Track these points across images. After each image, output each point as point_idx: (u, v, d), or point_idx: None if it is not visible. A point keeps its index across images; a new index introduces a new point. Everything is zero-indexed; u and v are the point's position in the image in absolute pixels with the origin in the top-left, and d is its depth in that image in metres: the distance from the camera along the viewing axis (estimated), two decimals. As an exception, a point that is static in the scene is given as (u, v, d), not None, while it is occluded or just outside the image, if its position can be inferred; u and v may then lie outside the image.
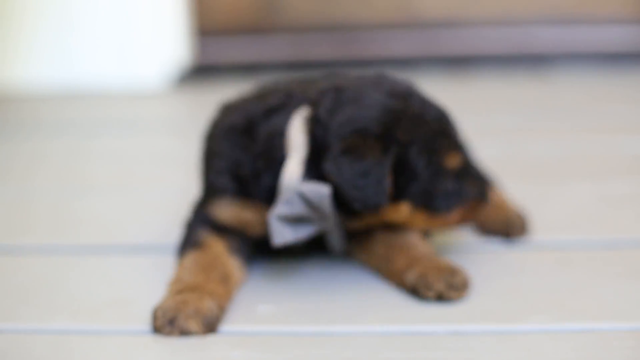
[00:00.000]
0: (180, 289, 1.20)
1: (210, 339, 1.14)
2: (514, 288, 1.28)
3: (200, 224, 1.34)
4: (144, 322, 1.19)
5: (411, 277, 1.26)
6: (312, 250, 1.41)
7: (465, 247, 1.44)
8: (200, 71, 3.32)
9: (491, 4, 3.32)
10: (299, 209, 1.22)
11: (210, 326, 1.16)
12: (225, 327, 1.18)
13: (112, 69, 3.25)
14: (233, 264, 1.30)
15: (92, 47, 3.24)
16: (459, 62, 3.30)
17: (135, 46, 3.24)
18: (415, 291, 1.25)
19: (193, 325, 1.14)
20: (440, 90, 3.08)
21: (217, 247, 1.30)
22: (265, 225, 1.31)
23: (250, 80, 2.59)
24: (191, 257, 1.28)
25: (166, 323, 1.15)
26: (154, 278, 1.35)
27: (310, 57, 3.32)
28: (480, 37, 3.32)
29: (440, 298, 1.24)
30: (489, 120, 2.50)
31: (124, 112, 2.91)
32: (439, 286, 1.23)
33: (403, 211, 1.30)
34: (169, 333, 1.15)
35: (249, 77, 3.10)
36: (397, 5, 3.34)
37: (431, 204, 1.30)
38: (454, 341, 1.12)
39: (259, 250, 1.39)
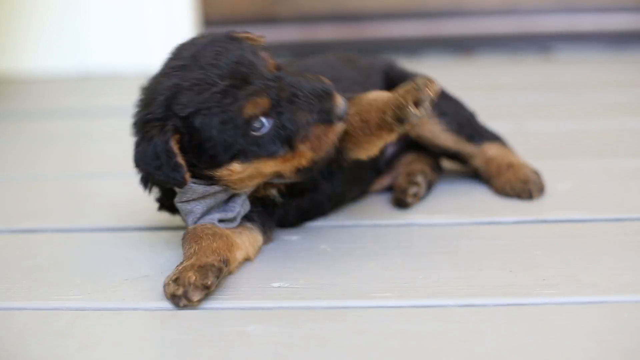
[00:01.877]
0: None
1: (226, 314, 1.16)
2: (525, 261, 1.29)
3: None
4: (159, 299, 1.20)
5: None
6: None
7: (475, 221, 1.46)
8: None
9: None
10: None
11: (208, 273, 1.18)
12: (241, 303, 1.19)
13: (120, 58, 3.25)
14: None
15: (99, 35, 3.25)
16: (465, 45, 3.30)
17: (143, 35, 3.25)
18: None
19: (192, 276, 1.17)
20: (446, 73, 3.07)
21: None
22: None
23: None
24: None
25: (171, 282, 1.19)
26: (167, 256, 1.37)
27: (315, 45, 3.32)
28: (485, 23, 3.33)
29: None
30: (495, 100, 2.50)
31: (132, 97, 2.90)
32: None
33: (237, 170, 1.26)
34: (174, 291, 1.17)
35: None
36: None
37: (262, 150, 1.26)
38: (465, 314, 1.13)
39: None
